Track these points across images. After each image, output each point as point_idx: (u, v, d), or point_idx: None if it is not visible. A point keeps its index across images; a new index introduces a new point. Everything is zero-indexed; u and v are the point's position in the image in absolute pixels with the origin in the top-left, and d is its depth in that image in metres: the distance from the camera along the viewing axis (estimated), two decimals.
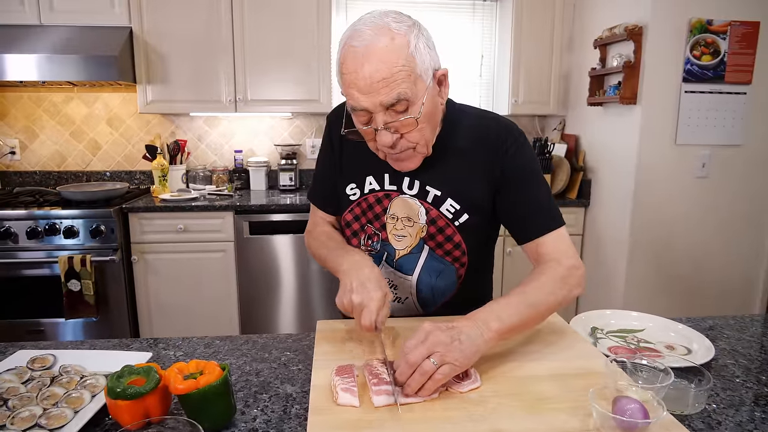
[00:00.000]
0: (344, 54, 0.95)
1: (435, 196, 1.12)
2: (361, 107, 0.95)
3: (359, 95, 0.94)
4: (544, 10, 3.19)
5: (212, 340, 1.12)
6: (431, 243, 1.15)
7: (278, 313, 2.97)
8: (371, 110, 0.96)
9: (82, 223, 2.63)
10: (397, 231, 1.16)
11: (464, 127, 1.12)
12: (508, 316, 0.90)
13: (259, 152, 3.48)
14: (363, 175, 1.17)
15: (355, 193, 1.19)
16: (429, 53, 0.98)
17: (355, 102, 0.96)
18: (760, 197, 2.73)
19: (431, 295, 1.19)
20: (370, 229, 1.18)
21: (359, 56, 0.93)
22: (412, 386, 0.79)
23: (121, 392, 0.74)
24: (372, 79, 0.92)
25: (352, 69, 0.93)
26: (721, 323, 1.26)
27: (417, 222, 1.14)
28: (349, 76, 0.94)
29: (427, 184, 1.12)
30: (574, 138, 3.24)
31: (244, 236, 2.85)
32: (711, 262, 2.76)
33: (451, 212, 1.12)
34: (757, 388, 0.94)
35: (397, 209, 1.15)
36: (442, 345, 0.81)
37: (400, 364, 0.81)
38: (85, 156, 3.34)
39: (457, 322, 0.87)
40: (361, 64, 0.92)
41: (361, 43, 0.93)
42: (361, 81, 0.93)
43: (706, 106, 2.59)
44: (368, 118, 0.98)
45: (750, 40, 2.54)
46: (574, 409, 0.77)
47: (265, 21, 2.96)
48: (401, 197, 1.14)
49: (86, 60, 2.66)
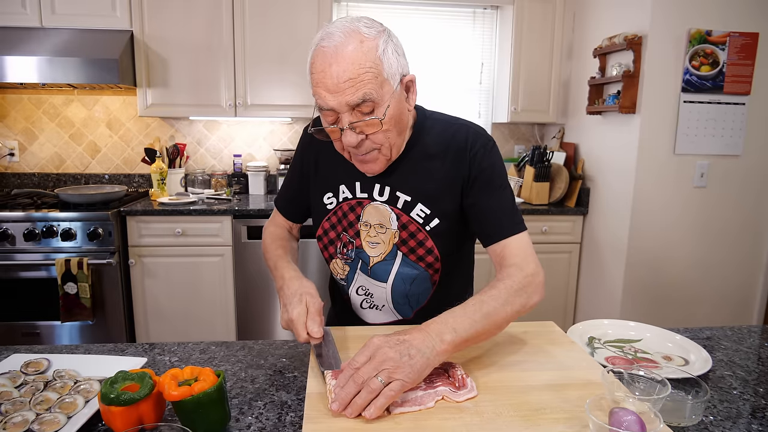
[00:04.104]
0: (314, 54, 0.99)
1: (405, 202, 1.13)
2: (328, 106, 0.98)
3: (326, 94, 0.97)
4: (544, 18, 3.20)
5: (208, 346, 1.12)
6: (404, 249, 1.15)
7: (275, 318, 2.96)
8: (337, 110, 0.98)
9: (79, 225, 2.62)
10: (370, 238, 1.17)
11: (434, 133, 1.15)
12: (463, 329, 0.88)
13: (259, 157, 3.48)
14: (336, 184, 1.19)
15: (332, 201, 1.20)
16: (397, 59, 1.01)
17: (322, 101, 0.99)
18: (758, 207, 2.73)
19: (406, 302, 1.20)
20: (345, 238, 1.19)
21: (328, 56, 0.96)
22: (358, 404, 0.76)
23: (115, 398, 0.73)
24: (339, 78, 0.95)
25: (321, 69, 0.97)
26: (719, 334, 1.26)
27: (389, 228, 1.15)
28: (318, 75, 0.97)
29: (397, 190, 1.14)
30: (573, 146, 3.24)
31: (242, 241, 2.85)
32: (709, 271, 2.76)
33: (421, 217, 1.13)
34: (755, 400, 0.94)
35: (369, 216, 1.16)
36: (391, 362, 0.79)
37: (347, 382, 0.78)
38: (84, 158, 3.34)
39: (408, 334, 0.84)
40: (329, 64, 0.95)
41: (331, 44, 0.96)
42: (328, 80, 0.96)
43: (705, 117, 2.60)
44: (335, 117, 1.01)
45: (749, 51, 2.55)
46: (570, 420, 0.77)
47: (265, 26, 2.97)
48: (372, 204, 1.16)
49: (87, 63, 2.67)
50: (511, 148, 3.68)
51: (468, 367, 0.93)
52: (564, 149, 3.31)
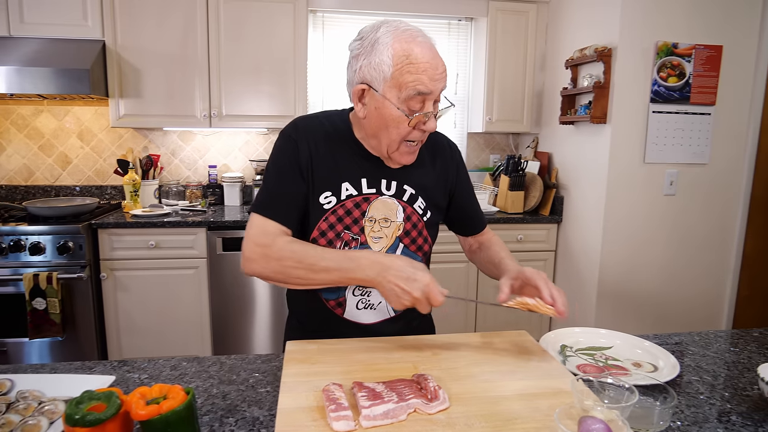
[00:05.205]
0: (410, 44, 1.05)
1: (410, 195, 1.22)
2: (429, 91, 1.06)
3: (429, 81, 1.05)
4: (517, 30, 3.26)
5: (179, 362, 1.10)
6: (406, 240, 1.23)
7: (252, 332, 2.93)
8: (434, 96, 1.07)
9: (49, 239, 2.56)
10: (374, 233, 1.20)
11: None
12: None
13: (234, 167, 3.45)
14: (338, 183, 1.18)
15: (330, 201, 1.18)
16: None
17: (423, 86, 1.05)
18: (725, 214, 2.81)
19: None
20: (347, 236, 1.18)
21: (428, 47, 1.06)
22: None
23: (80, 419, 0.72)
24: (439, 68, 1.06)
25: (426, 58, 1.05)
26: (687, 339, 1.28)
27: (394, 221, 1.21)
28: (423, 64, 1.04)
29: (404, 184, 1.22)
30: (547, 155, 3.29)
31: (217, 253, 2.81)
32: (679, 278, 2.82)
33: (421, 208, 1.24)
34: (721, 404, 0.96)
35: (375, 211, 1.20)
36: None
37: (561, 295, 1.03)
38: (54, 170, 3.27)
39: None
40: (433, 55, 1.06)
41: (426, 39, 1.07)
42: (432, 69, 1.05)
43: (673, 126, 2.66)
44: (422, 105, 1.08)
45: (713, 63, 2.63)
46: (541, 429, 0.77)
47: (241, 36, 2.96)
48: (380, 198, 1.20)
49: (57, 73, 2.62)
50: (487, 157, 3.73)
51: (441, 378, 0.93)
52: (538, 158, 3.36)
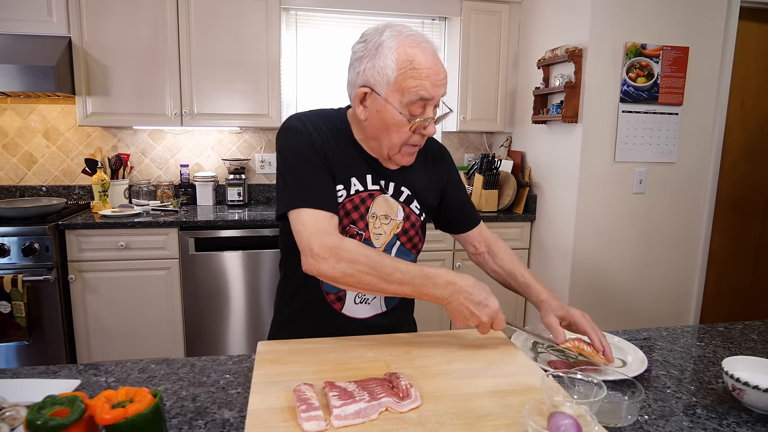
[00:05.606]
0: (414, 50, 1.06)
1: (407, 196, 1.25)
2: (431, 96, 1.08)
3: (431, 87, 1.07)
4: (490, 30, 3.28)
5: (147, 364, 1.08)
6: (404, 238, 1.25)
7: (226, 333, 2.89)
8: (434, 102, 1.10)
9: (14, 240, 2.49)
10: (375, 229, 1.21)
11: None
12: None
13: (207, 167, 3.41)
14: (348, 177, 1.19)
15: (341, 195, 1.18)
16: None
17: (426, 92, 1.07)
18: (693, 212, 2.88)
19: None
20: (352, 230, 1.19)
21: (431, 53, 1.07)
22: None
23: (42, 425, 0.69)
24: (440, 74, 1.08)
25: (430, 64, 1.06)
26: (655, 335, 1.31)
27: (394, 219, 1.23)
28: (426, 69, 1.06)
29: (401, 185, 1.24)
30: (520, 154, 3.33)
31: (189, 253, 2.77)
32: (648, 274, 2.88)
33: (417, 209, 1.27)
34: (687, 398, 0.98)
35: (377, 208, 1.21)
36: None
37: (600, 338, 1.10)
38: (18, 170, 3.18)
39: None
40: (435, 61, 1.07)
41: (429, 45, 1.08)
42: (435, 75, 1.07)
43: (642, 126, 2.72)
44: (422, 110, 1.09)
45: (680, 64, 2.70)
46: (512, 426, 0.78)
47: (212, 33, 2.92)
48: (383, 196, 1.22)
49: (21, 70, 2.55)
50: (461, 156, 3.75)
51: (413, 377, 0.93)
52: (512, 157, 3.40)
